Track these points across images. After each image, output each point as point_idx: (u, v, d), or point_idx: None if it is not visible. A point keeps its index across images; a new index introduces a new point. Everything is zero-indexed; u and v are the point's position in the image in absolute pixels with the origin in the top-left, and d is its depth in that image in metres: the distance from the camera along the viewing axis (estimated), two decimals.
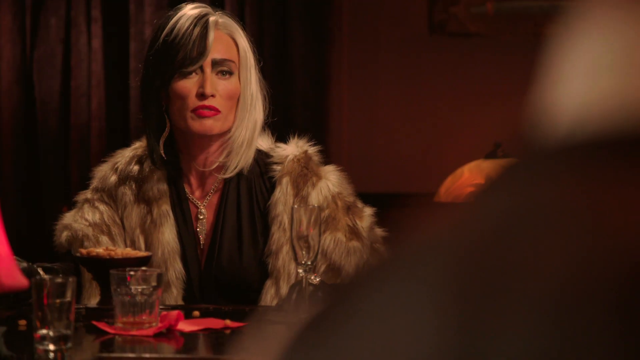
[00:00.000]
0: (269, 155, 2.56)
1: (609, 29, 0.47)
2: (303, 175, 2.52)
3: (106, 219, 2.55)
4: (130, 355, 2.03)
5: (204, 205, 2.56)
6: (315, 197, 2.49)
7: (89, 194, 2.60)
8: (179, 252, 2.51)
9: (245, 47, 2.51)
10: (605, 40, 0.47)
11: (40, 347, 1.91)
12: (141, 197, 2.55)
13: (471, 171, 3.56)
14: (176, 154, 2.54)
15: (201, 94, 2.44)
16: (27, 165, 4.37)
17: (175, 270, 2.50)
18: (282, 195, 2.50)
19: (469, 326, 0.41)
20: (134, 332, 2.11)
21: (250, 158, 2.52)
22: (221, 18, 2.50)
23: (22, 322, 2.19)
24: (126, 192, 2.56)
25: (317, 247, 2.30)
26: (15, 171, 4.34)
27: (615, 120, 0.46)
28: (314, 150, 2.58)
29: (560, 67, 0.49)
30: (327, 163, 2.62)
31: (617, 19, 0.47)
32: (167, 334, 2.13)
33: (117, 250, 2.36)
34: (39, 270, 2.33)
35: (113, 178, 2.58)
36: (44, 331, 1.91)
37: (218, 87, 2.46)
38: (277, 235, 2.48)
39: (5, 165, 4.34)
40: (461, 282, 0.42)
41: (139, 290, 2.12)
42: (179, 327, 2.15)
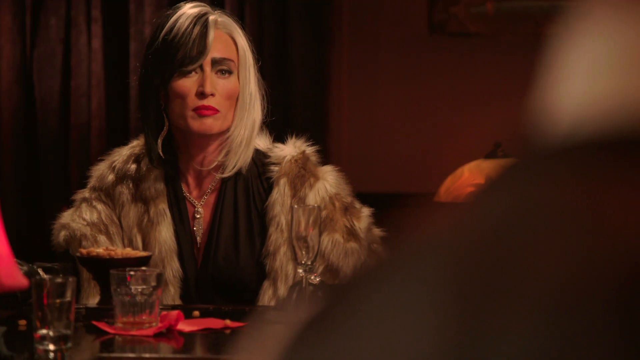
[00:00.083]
0: (266, 156, 2.56)
1: (609, 29, 0.47)
2: (300, 176, 2.52)
3: (104, 218, 2.55)
4: (130, 355, 2.03)
5: (201, 204, 2.55)
6: (313, 198, 2.49)
7: (86, 193, 2.60)
8: (176, 251, 2.51)
9: (245, 46, 2.51)
10: (606, 40, 0.47)
11: (40, 347, 1.91)
12: (138, 196, 2.55)
13: (471, 171, 3.56)
14: (174, 153, 2.54)
15: (201, 93, 2.44)
16: (27, 165, 4.36)
17: (173, 269, 2.49)
18: (280, 196, 2.50)
19: (468, 326, 0.41)
20: (134, 332, 2.11)
21: (249, 157, 2.52)
22: (220, 17, 2.50)
23: (22, 322, 2.19)
24: (123, 191, 2.56)
25: (317, 247, 2.30)
26: (15, 171, 4.34)
27: (615, 120, 0.46)
28: (311, 150, 2.58)
29: (560, 67, 0.49)
30: (326, 163, 2.62)
31: (617, 18, 0.47)
32: (167, 334, 2.13)
33: (117, 250, 2.36)
34: (39, 270, 2.32)
35: (110, 177, 2.58)
36: (44, 331, 1.91)
37: (217, 87, 2.46)
38: (274, 236, 2.48)
39: (5, 165, 4.33)
40: (461, 282, 0.42)
41: (139, 290, 2.12)
42: (179, 327, 2.15)
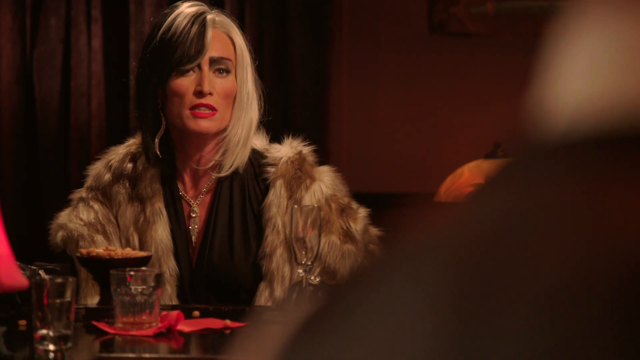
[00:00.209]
0: (263, 156, 2.55)
1: (606, 28, 0.47)
2: (297, 178, 2.52)
3: (101, 218, 2.55)
4: (130, 355, 2.03)
5: (197, 203, 2.55)
6: (309, 200, 2.49)
7: (83, 192, 2.60)
8: (172, 250, 2.51)
9: (242, 45, 2.51)
10: (603, 38, 0.47)
11: (40, 347, 1.91)
12: (135, 196, 2.55)
13: (471, 171, 3.56)
14: (171, 152, 2.54)
15: (199, 92, 2.44)
16: (27, 165, 4.36)
17: (169, 267, 2.49)
18: (276, 198, 2.50)
19: (467, 326, 0.41)
20: (134, 332, 2.11)
21: (246, 157, 2.52)
22: (218, 16, 2.50)
23: (22, 322, 2.19)
24: (120, 191, 2.56)
25: (317, 247, 2.30)
26: (15, 171, 4.34)
27: (613, 117, 0.46)
28: (308, 150, 2.58)
29: (558, 65, 0.49)
30: (326, 163, 2.62)
31: (615, 17, 0.47)
32: (167, 334, 2.13)
33: (117, 250, 2.36)
34: (40, 271, 2.32)
35: (107, 176, 2.58)
36: (44, 331, 1.91)
37: (215, 86, 2.46)
38: (270, 237, 2.48)
39: (5, 165, 4.33)
40: (459, 282, 0.42)
41: (139, 290, 2.12)
42: (179, 327, 2.15)
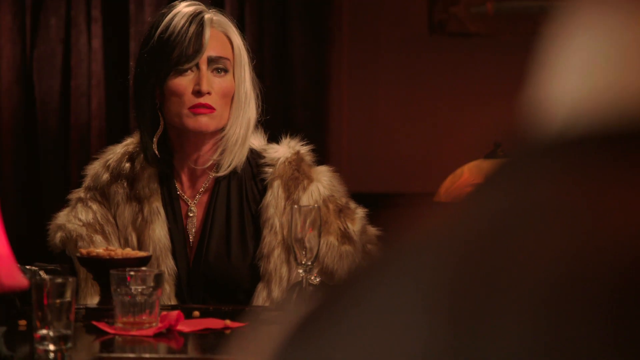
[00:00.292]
0: (261, 156, 2.55)
1: (602, 25, 0.47)
2: (294, 179, 2.52)
3: (99, 218, 2.55)
4: (130, 355, 2.03)
5: (195, 203, 2.56)
6: (306, 201, 2.49)
7: (81, 192, 2.60)
8: (170, 249, 2.52)
9: (240, 44, 2.52)
10: (599, 35, 0.47)
11: (40, 347, 1.91)
12: (133, 195, 2.55)
13: (471, 171, 3.56)
14: (169, 152, 2.54)
15: (197, 91, 2.44)
16: (27, 165, 4.36)
17: (168, 266, 2.50)
18: (273, 199, 2.50)
19: (463, 326, 0.40)
20: (134, 332, 2.11)
21: (244, 156, 2.52)
22: (215, 16, 2.50)
23: (22, 322, 2.19)
24: (118, 191, 2.56)
25: (317, 247, 2.30)
26: (15, 171, 4.34)
27: (609, 115, 0.46)
28: (306, 149, 2.58)
29: (554, 63, 0.49)
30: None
31: (610, 14, 0.47)
32: (167, 334, 2.13)
33: (117, 250, 2.36)
34: (41, 272, 2.32)
35: (105, 176, 2.58)
36: (44, 331, 1.91)
37: (213, 85, 2.46)
38: (268, 238, 2.48)
39: (5, 165, 4.33)
40: (456, 281, 0.42)
41: (139, 290, 2.12)
42: (179, 327, 2.15)
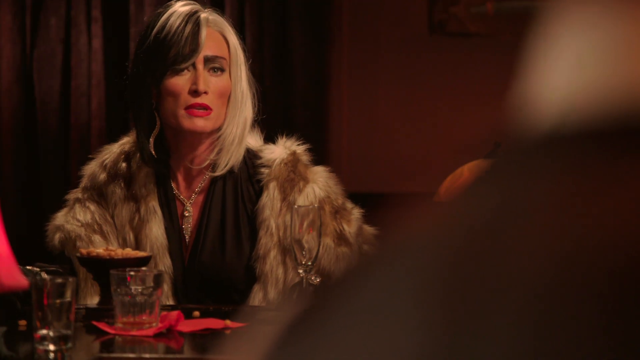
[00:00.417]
0: (257, 157, 2.55)
1: (593, 20, 0.47)
2: (290, 180, 2.51)
3: (97, 218, 2.55)
4: (130, 355, 2.03)
5: (190, 203, 2.56)
6: (302, 203, 2.49)
7: (79, 193, 2.60)
8: (167, 248, 2.52)
9: (236, 44, 2.52)
10: (590, 30, 0.47)
11: (40, 347, 1.91)
12: (130, 195, 2.55)
13: (471, 171, 3.56)
14: (166, 152, 2.54)
15: (194, 91, 2.44)
16: (27, 165, 4.36)
17: (165, 265, 2.50)
18: (269, 200, 2.50)
19: (455, 325, 0.40)
20: (134, 332, 2.11)
21: (241, 155, 2.52)
22: (211, 15, 2.51)
23: (22, 322, 2.19)
24: (116, 191, 2.56)
25: (318, 247, 2.30)
26: (15, 171, 4.34)
27: (602, 110, 0.46)
28: (302, 149, 2.57)
29: (545, 59, 0.49)
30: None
31: (600, 11, 0.47)
32: (167, 334, 2.13)
33: (117, 250, 2.37)
34: (42, 273, 2.32)
35: (102, 176, 2.58)
36: (44, 331, 1.91)
37: (210, 84, 2.46)
38: (264, 240, 2.48)
39: (5, 165, 4.33)
40: (448, 280, 0.42)
41: (139, 290, 2.12)
42: (179, 327, 2.15)
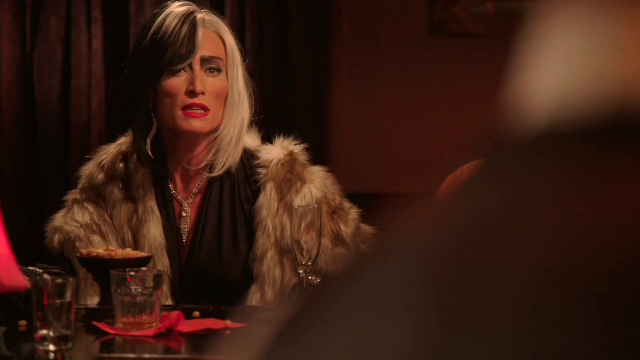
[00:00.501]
0: (254, 157, 2.55)
1: (584, 18, 0.47)
2: (287, 181, 2.51)
3: (96, 219, 2.55)
4: (130, 355, 2.03)
5: (188, 203, 2.56)
6: (299, 203, 2.48)
7: (77, 194, 2.60)
8: (165, 248, 2.52)
9: (232, 44, 2.52)
10: (581, 28, 0.47)
11: (40, 347, 1.91)
12: (128, 196, 2.55)
13: (471, 171, 3.56)
14: (163, 152, 2.54)
15: (191, 92, 2.44)
16: (27, 165, 4.36)
17: (164, 265, 2.50)
18: (266, 201, 2.49)
19: (450, 325, 0.40)
20: (134, 333, 2.11)
21: (238, 156, 2.52)
22: (208, 15, 2.50)
23: (22, 322, 2.19)
24: (114, 191, 2.56)
25: (318, 247, 2.30)
26: (15, 171, 4.34)
27: (595, 107, 0.46)
28: (299, 149, 2.57)
29: (537, 58, 0.49)
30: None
31: (590, 10, 0.47)
32: (167, 334, 2.13)
33: (117, 250, 2.37)
34: (44, 274, 2.33)
35: (100, 176, 2.58)
36: (44, 331, 1.91)
37: (207, 85, 2.46)
38: (261, 240, 2.48)
39: (5, 165, 4.33)
40: (443, 279, 0.42)
41: (139, 290, 2.12)
42: (179, 327, 2.15)
